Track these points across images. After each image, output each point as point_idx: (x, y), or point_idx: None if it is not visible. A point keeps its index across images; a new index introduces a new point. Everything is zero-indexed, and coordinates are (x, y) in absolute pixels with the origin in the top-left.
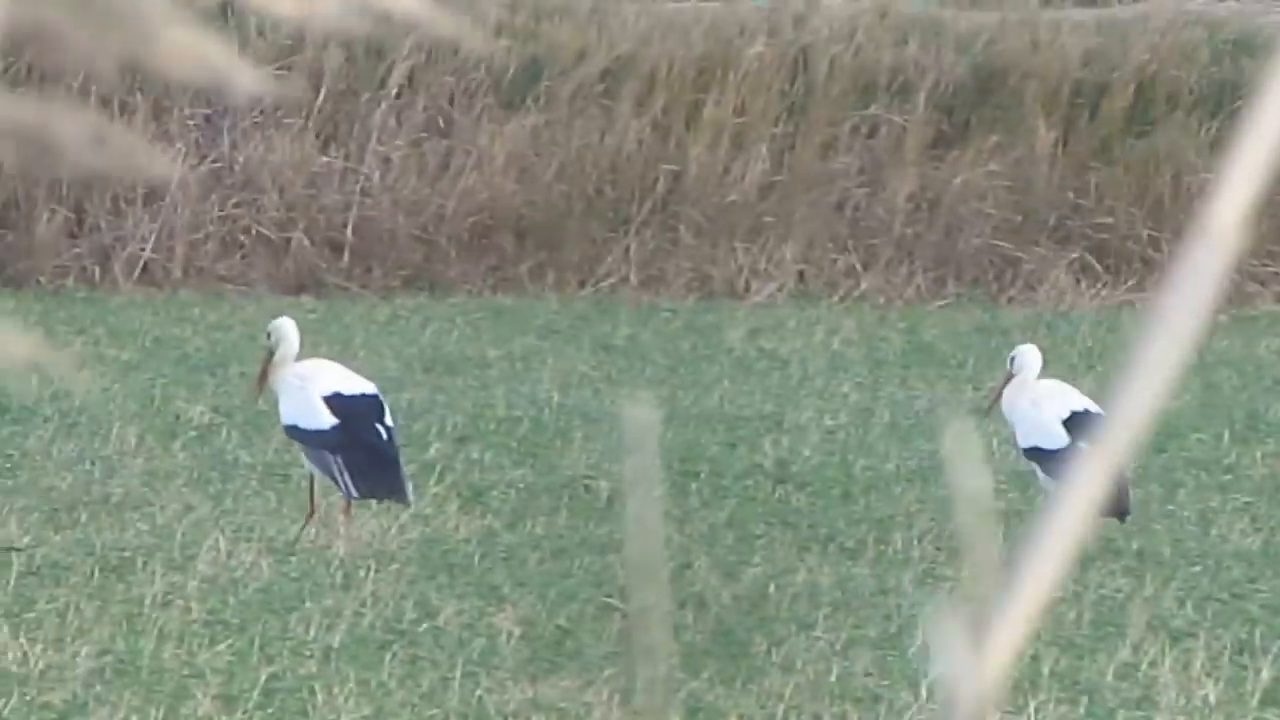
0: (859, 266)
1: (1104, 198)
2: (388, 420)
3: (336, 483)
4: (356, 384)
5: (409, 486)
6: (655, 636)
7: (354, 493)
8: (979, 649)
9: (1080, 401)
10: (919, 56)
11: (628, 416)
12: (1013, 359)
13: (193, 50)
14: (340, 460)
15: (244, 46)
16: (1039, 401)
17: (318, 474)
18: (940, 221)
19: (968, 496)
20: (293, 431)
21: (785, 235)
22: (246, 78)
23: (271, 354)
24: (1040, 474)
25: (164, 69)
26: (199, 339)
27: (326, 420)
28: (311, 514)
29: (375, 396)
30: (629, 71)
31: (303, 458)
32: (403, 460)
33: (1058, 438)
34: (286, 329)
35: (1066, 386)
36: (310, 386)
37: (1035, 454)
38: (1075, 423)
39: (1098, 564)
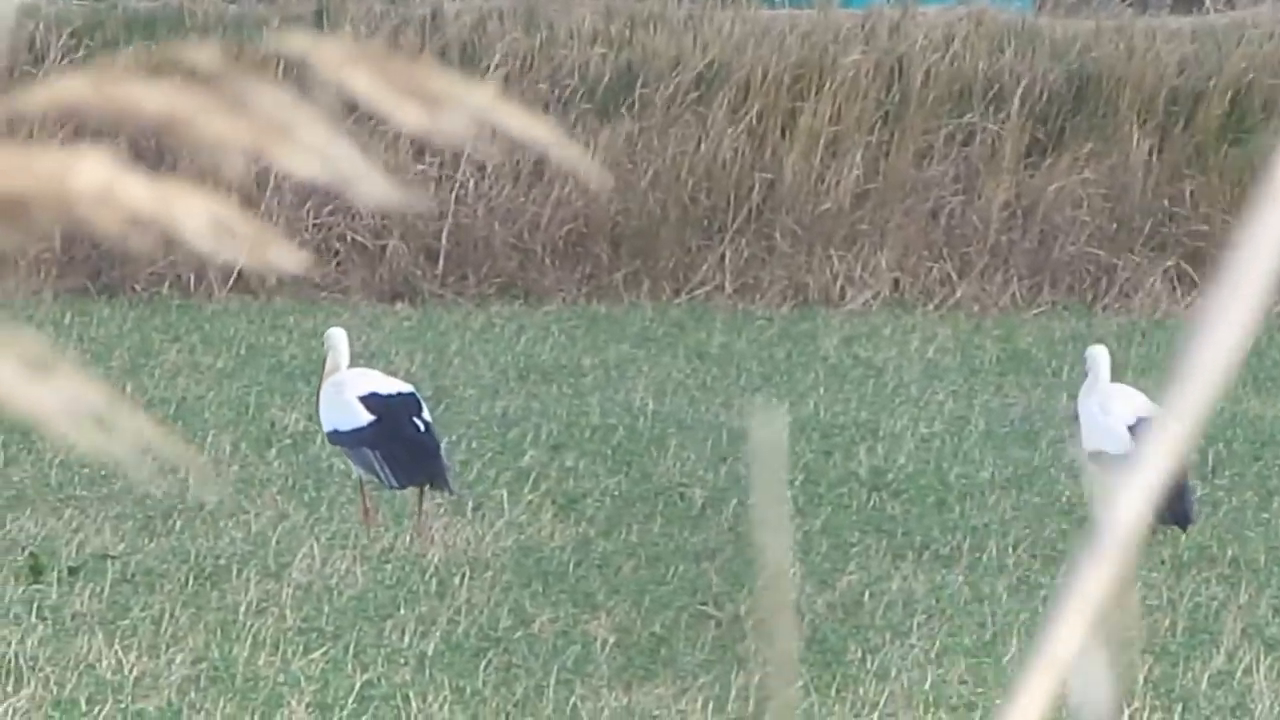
0: (954, 274)
1: (1199, 205)
2: (425, 416)
3: (378, 477)
4: (393, 385)
5: (452, 478)
6: (757, 644)
7: (394, 483)
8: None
9: (1149, 408)
10: (1014, 64)
11: (755, 427)
12: (1085, 359)
13: (322, 150)
14: (379, 454)
15: None
16: (1106, 404)
17: (364, 475)
18: (1035, 229)
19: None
20: (334, 436)
21: (880, 243)
22: (375, 183)
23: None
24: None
25: (292, 166)
26: (293, 347)
27: (364, 418)
28: (366, 515)
29: (412, 394)
30: (724, 79)
31: (350, 464)
32: (444, 449)
33: (1122, 442)
34: (336, 339)
35: (1136, 392)
36: (346, 391)
37: (1099, 457)
38: (1142, 429)
39: (1192, 572)
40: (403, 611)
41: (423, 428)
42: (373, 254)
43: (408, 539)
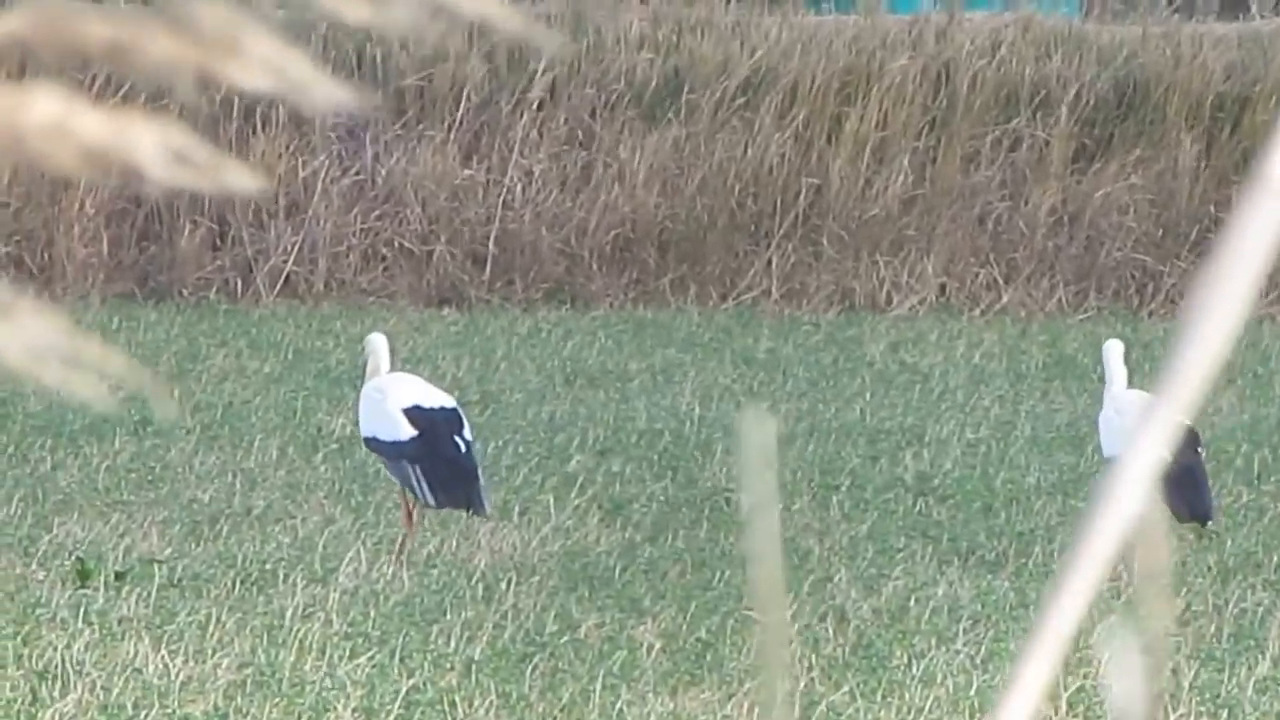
0: (1000, 280)
1: None
2: (466, 434)
3: (415, 493)
4: (436, 397)
5: (487, 497)
6: (792, 649)
7: (431, 502)
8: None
9: None
10: (1061, 70)
11: (748, 432)
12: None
13: (271, 63)
14: (419, 470)
15: (387, 59)
16: (1122, 410)
17: (399, 484)
18: (1082, 235)
19: (1144, 527)
20: (372, 443)
21: (927, 249)
22: (326, 91)
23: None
24: None
25: (242, 81)
26: (340, 351)
27: (406, 432)
28: (409, 520)
29: (454, 410)
30: (770, 84)
31: (384, 470)
32: (482, 472)
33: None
34: (377, 344)
35: (1138, 396)
36: (389, 399)
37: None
38: None
39: (1238, 578)
40: (449, 616)
41: (464, 447)
42: (420, 259)
43: (454, 543)
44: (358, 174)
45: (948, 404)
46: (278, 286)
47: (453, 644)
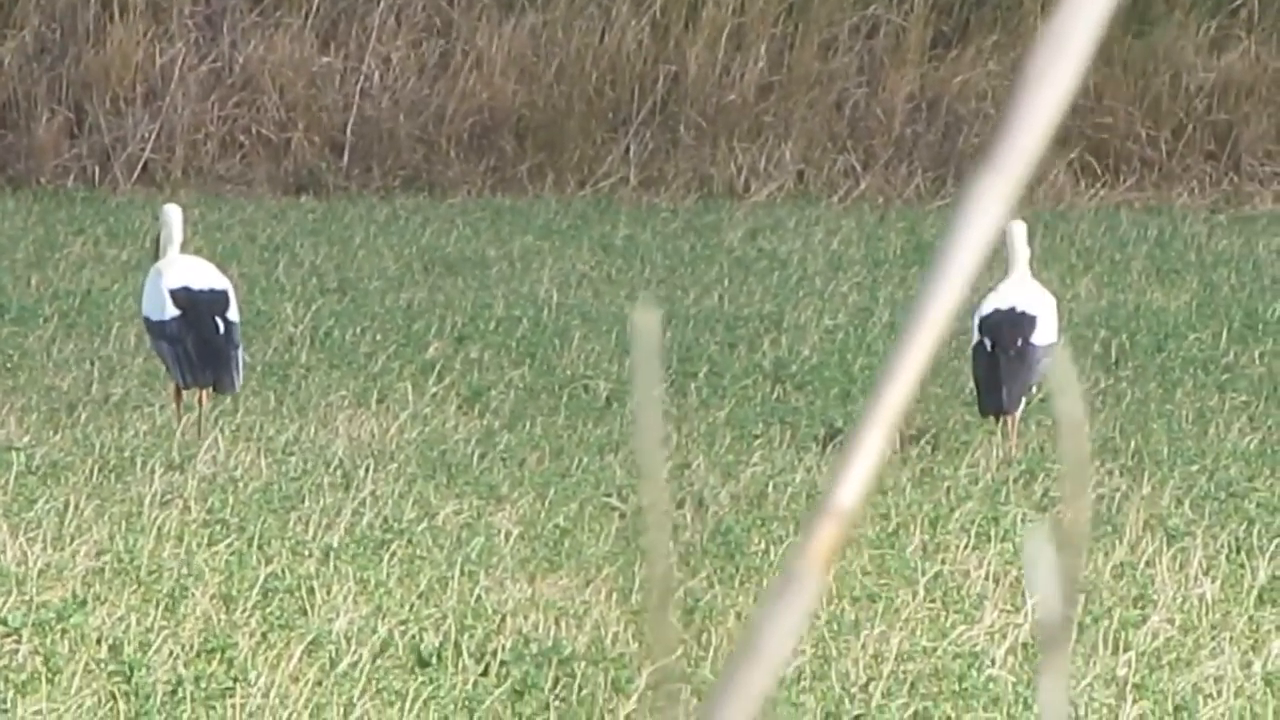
0: (858, 166)
1: (1103, 97)
2: (231, 314)
3: (169, 370)
4: (208, 279)
5: (238, 376)
6: (654, 535)
7: (180, 380)
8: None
9: (1010, 299)
10: None
11: (632, 319)
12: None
13: None
14: (175, 350)
15: None
16: (984, 298)
17: (161, 361)
18: (940, 121)
19: (1066, 422)
20: (146, 324)
21: (784, 135)
22: None
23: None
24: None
25: None
26: (199, 239)
27: (169, 312)
28: (178, 400)
29: (223, 291)
30: None
31: (153, 348)
32: (240, 352)
33: (974, 334)
34: (169, 216)
35: (1023, 284)
36: (163, 280)
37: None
38: (988, 321)
39: (1095, 463)
40: (307, 503)
41: (222, 327)
42: (277, 147)
43: (312, 430)
44: (215, 61)
45: (806, 290)
46: (135, 174)
47: (311, 531)
